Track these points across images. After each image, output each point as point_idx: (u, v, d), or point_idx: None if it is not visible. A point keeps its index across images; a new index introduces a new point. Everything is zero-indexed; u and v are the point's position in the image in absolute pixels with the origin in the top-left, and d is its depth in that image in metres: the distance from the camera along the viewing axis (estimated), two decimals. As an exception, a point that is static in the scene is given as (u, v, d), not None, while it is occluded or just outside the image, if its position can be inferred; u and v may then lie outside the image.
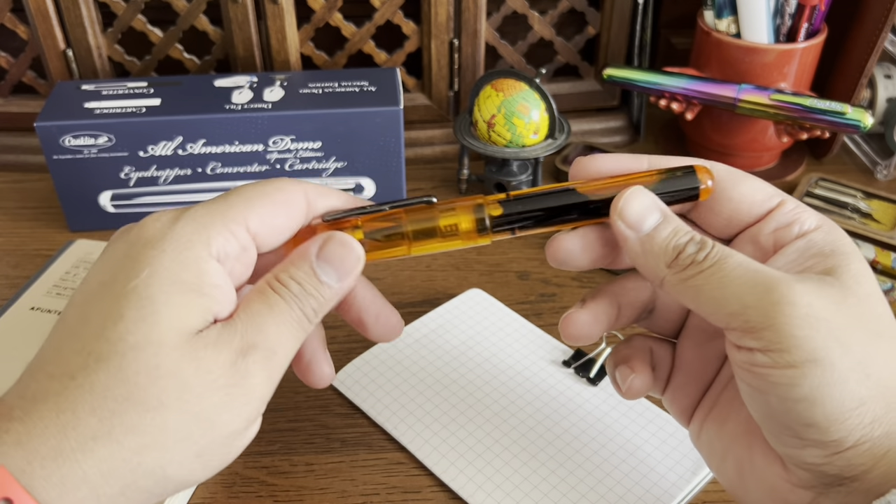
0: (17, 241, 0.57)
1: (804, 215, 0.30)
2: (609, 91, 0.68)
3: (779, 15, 0.58)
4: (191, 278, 0.27)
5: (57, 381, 0.25)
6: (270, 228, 0.30)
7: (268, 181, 0.31)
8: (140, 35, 0.63)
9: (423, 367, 0.45)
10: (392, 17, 0.62)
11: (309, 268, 0.30)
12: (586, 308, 0.33)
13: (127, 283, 0.26)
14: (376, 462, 0.41)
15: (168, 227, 0.28)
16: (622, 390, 0.34)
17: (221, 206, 0.29)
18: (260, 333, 0.28)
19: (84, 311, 0.27)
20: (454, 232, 0.31)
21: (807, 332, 0.26)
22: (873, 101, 0.65)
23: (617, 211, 0.30)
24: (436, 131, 0.66)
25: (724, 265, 0.28)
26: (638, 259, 0.30)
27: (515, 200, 0.31)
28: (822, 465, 0.27)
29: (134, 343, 0.26)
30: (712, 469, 0.33)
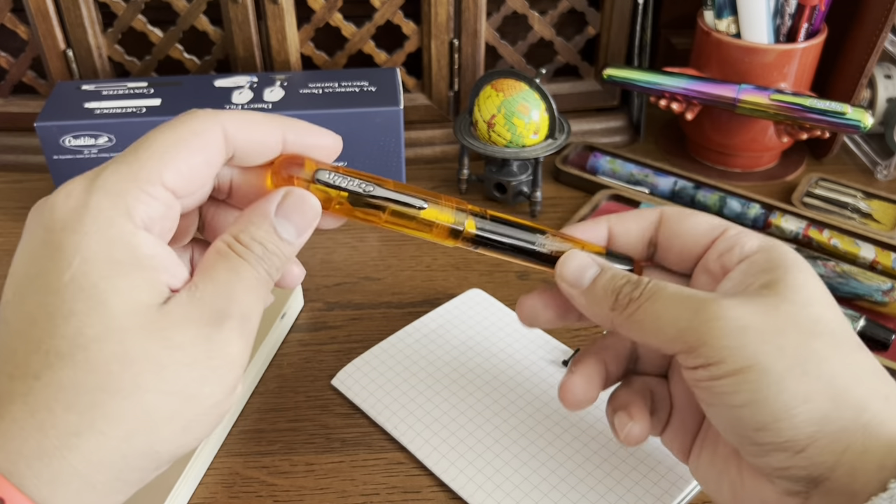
0: (17, 242, 0.57)
1: (744, 239, 0.33)
2: (609, 91, 0.68)
3: (779, 15, 0.58)
4: (124, 256, 0.26)
5: (20, 382, 0.25)
6: (188, 179, 0.28)
7: (180, 121, 0.28)
8: (140, 35, 0.63)
9: (423, 367, 0.45)
10: (392, 17, 0.62)
11: (269, 226, 0.29)
12: (577, 373, 0.35)
13: (61, 276, 0.25)
14: (376, 462, 0.41)
15: (82, 205, 0.26)
16: (620, 437, 0.35)
17: (132, 166, 0.27)
18: (231, 301, 0.27)
19: (24, 309, 0.26)
20: (428, 225, 0.32)
21: (737, 342, 0.28)
22: (873, 101, 0.65)
23: (558, 274, 0.33)
24: (436, 131, 0.66)
25: (659, 296, 0.30)
26: (587, 310, 0.33)
27: (491, 221, 0.33)
28: (790, 469, 0.28)
29: (94, 335, 0.25)
30: (711, 496, 0.34)
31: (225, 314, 0.27)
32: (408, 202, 0.31)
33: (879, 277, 0.50)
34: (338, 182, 0.30)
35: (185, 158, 0.28)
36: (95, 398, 0.25)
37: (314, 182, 0.30)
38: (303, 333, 0.49)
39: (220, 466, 0.41)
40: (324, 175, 0.30)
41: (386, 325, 0.49)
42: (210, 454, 0.41)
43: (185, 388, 0.26)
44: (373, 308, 0.51)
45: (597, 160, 0.63)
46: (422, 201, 0.32)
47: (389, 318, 0.50)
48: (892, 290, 0.49)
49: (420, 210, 0.32)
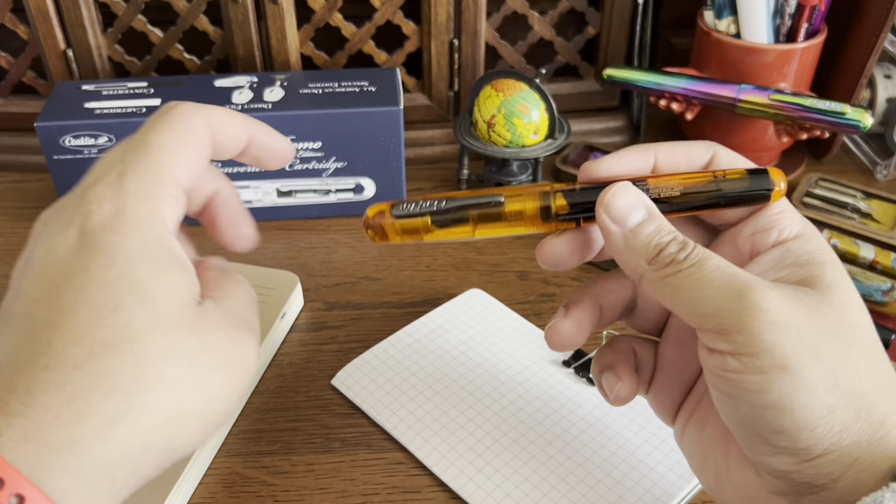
0: (17, 241, 0.57)
1: (785, 222, 0.30)
2: (609, 91, 0.68)
3: (778, 15, 0.58)
4: (165, 255, 0.27)
5: (57, 372, 0.25)
6: (192, 175, 0.29)
7: (172, 117, 0.29)
8: (140, 35, 0.63)
9: (423, 367, 0.45)
10: (392, 18, 0.62)
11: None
12: (569, 316, 0.33)
13: (106, 272, 0.26)
14: (376, 462, 0.41)
15: (119, 209, 0.27)
16: (609, 398, 0.34)
17: (150, 170, 0.28)
18: (246, 314, 0.29)
19: (59, 304, 0.26)
20: (519, 217, 0.31)
21: (776, 338, 0.26)
22: (873, 101, 0.65)
23: (603, 205, 0.30)
24: (436, 131, 0.66)
25: (703, 267, 0.28)
26: (620, 254, 0.30)
27: (582, 191, 0.31)
28: (791, 473, 0.27)
29: (142, 327, 0.26)
30: (693, 471, 0.34)
31: (244, 325, 0.29)
32: (481, 202, 0.31)
33: (879, 277, 0.50)
34: (412, 209, 0.31)
35: (188, 155, 0.29)
36: (134, 388, 0.25)
37: (393, 218, 0.31)
38: (303, 333, 0.49)
39: (220, 466, 0.41)
40: (398, 209, 0.31)
41: (386, 325, 0.49)
42: (210, 454, 0.41)
43: (212, 387, 0.27)
44: (373, 308, 0.51)
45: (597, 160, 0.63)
46: (498, 196, 0.31)
47: (389, 318, 0.50)
48: (891, 289, 0.49)
49: (499, 205, 0.31)
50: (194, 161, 0.29)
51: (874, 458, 0.27)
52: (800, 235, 0.30)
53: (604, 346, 0.35)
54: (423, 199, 0.32)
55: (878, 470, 0.26)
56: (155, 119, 0.29)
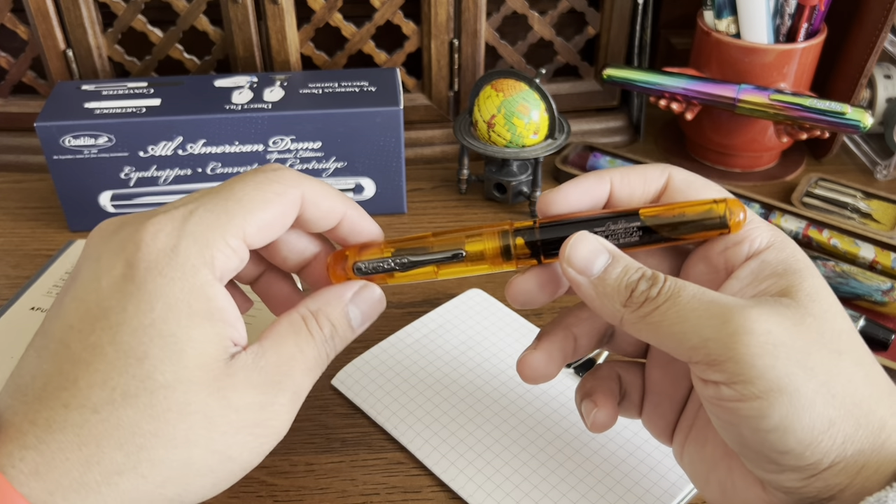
0: (17, 241, 0.57)
1: (755, 233, 0.30)
2: (609, 91, 0.68)
3: (778, 15, 0.58)
4: (202, 307, 0.27)
5: (76, 413, 0.25)
6: (265, 237, 0.30)
7: (267, 179, 0.29)
8: (140, 35, 0.63)
9: (423, 367, 0.45)
10: (392, 18, 0.62)
11: (343, 310, 0.31)
12: (539, 348, 0.33)
13: (141, 318, 0.26)
14: (376, 462, 0.41)
15: (172, 248, 0.27)
16: (587, 424, 0.34)
17: (220, 216, 0.28)
18: (290, 376, 0.29)
19: (92, 339, 0.26)
20: (480, 259, 0.32)
21: (768, 361, 0.26)
22: (873, 101, 0.65)
23: (564, 259, 0.30)
24: (436, 131, 0.66)
25: (679, 299, 0.28)
26: (593, 302, 0.30)
27: (541, 229, 0.31)
28: (800, 489, 0.27)
29: (164, 382, 0.26)
30: (697, 487, 0.33)
31: (282, 387, 0.28)
32: (445, 258, 0.32)
33: (879, 277, 0.50)
34: (374, 268, 0.32)
35: (268, 217, 0.29)
36: (146, 442, 0.25)
37: (355, 274, 0.32)
38: (303, 333, 0.49)
39: (220, 466, 0.41)
40: (360, 268, 0.32)
41: (386, 325, 0.49)
42: (210, 454, 0.41)
43: (228, 448, 0.27)
44: (373, 308, 0.51)
45: (597, 160, 0.63)
46: (458, 250, 0.32)
47: (389, 318, 0.50)
48: (891, 289, 0.49)
49: (460, 259, 0.32)
50: (271, 224, 0.29)
51: (879, 464, 0.27)
52: (771, 244, 0.30)
53: (587, 373, 0.36)
54: (385, 254, 0.32)
55: (883, 474, 0.26)
56: (250, 173, 0.30)
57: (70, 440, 0.25)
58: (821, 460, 0.26)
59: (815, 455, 0.26)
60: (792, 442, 0.26)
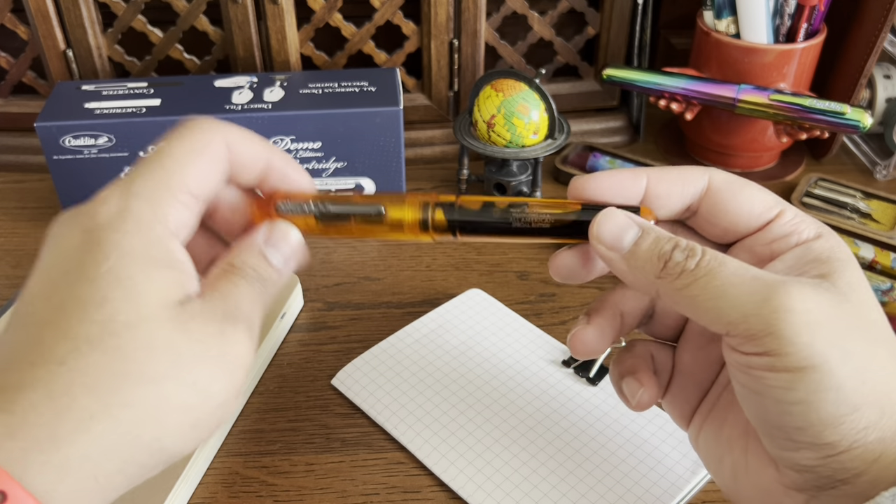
0: (17, 241, 0.57)
1: (802, 225, 0.30)
2: (609, 91, 0.68)
3: (778, 15, 0.58)
4: (160, 255, 0.28)
5: (42, 368, 0.25)
6: (206, 187, 0.30)
7: (189, 131, 0.30)
8: (140, 35, 0.63)
9: (423, 367, 0.45)
10: (392, 18, 0.62)
11: (259, 254, 0.31)
12: (592, 324, 0.33)
13: (98, 267, 0.27)
14: (376, 462, 0.41)
15: (123, 209, 0.28)
16: (632, 404, 0.34)
17: (161, 175, 0.29)
18: (238, 308, 0.29)
19: (55, 300, 0.27)
20: (398, 226, 0.32)
21: (807, 339, 0.26)
22: (872, 101, 0.65)
23: (594, 236, 0.30)
24: (436, 131, 0.66)
25: (719, 273, 0.28)
26: (627, 277, 0.30)
27: (459, 209, 0.32)
28: (815, 468, 0.27)
29: (126, 322, 0.26)
30: (709, 471, 0.34)
31: (234, 316, 0.29)
32: (364, 211, 0.32)
33: (879, 277, 0.50)
34: (294, 209, 0.33)
35: (202, 166, 0.30)
36: (116, 383, 0.25)
37: (277, 213, 0.33)
38: (303, 333, 0.49)
39: (220, 466, 0.41)
40: (282, 206, 0.33)
41: (386, 325, 0.49)
42: (210, 454, 0.41)
43: (199, 380, 0.27)
44: (373, 308, 0.51)
45: (596, 160, 0.63)
46: (379, 206, 0.32)
47: (389, 318, 0.50)
48: (891, 289, 0.49)
49: (379, 216, 0.32)
50: (208, 173, 0.30)
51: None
52: (819, 235, 0.30)
53: (622, 350, 0.35)
54: (308, 199, 0.33)
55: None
56: (172, 132, 0.30)
57: (40, 395, 0.25)
58: (839, 441, 0.26)
59: (834, 436, 0.26)
60: (814, 419, 0.26)
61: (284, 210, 0.33)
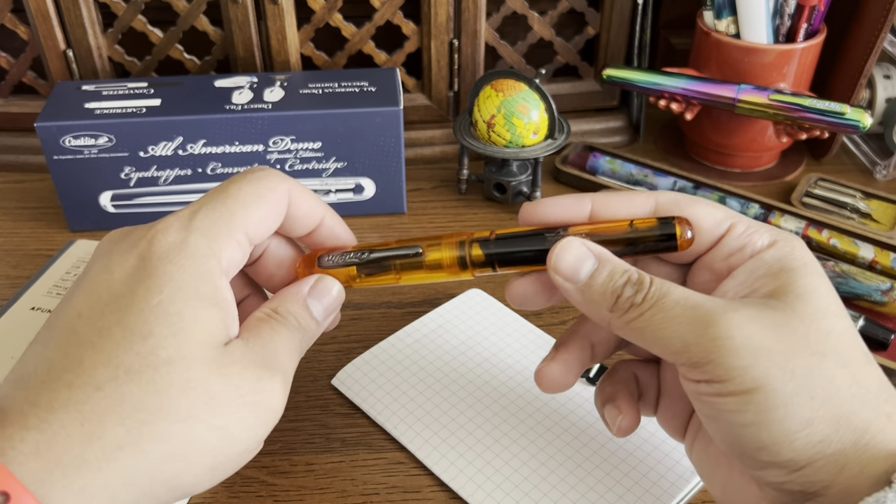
0: (17, 241, 0.57)
1: (755, 236, 0.30)
2: (609, 91, 0.68)
3: (778, 15, 0.58)
4: (209, 293, 0.28)
5: (79, 391, 0.26)
6: (262, 231, 0.32)
7: (256, 177, 0.32)
8: (140, 35, 0.63)
9: (423, 367, 0.46)
10: (392, 18, 0.62)
11: (303, 304, 0.33)
12: (556, 359, 0.34)
13: (149, 299, 0.27)
14: (376, 462, 0.41)
15: (181, 241, 0.29)
16: (612, 430, 0.35)
17: (223, 213, 0.30)
18: (275, 356, 0.30)
19: (101, 323, 0.27)
20: (438, 266, 0.34)
21: (746, 363, 0.27)
22: (872, 101, 0.65)
23: (551, 267, 0.31)
24: (436, 131, 0.66)
25: (664, 304, 0.28)
26: (582, 307, 0.31)
27: (497, 241, 0.33)
28: (784, 484, 0.28)
29: (167, 358, 0.26)
30: (704, 483, 0.34)
31: (272, 365, 0.29)
32: (402, 253, 0.34)
33: (878, 277, 0.50)
34: (336, 261, 0.34)
35: (263, 212, 0.31)
36: (149, 417, 0.26)
37: (320, 268, 0.34)
38: (303, 333, 0.49)
39: (220, 466, 0.41)
40: (324, 260, 0.34)
41: (386, 325, 0.49)
42: (210, 454, 0.41)
43: (229, 425, 0.27)
44: (373, 308, 0.51)
45: (596, 160, 0.63)
46: (416, 248, 0.33)
47: (389, 318, 0.50)
48: (891, 289, 0.49)
49: (418, 255, 0.33)
50: (266, 218, 0.32)
51: (863, 464, 0.27)
52: (772, 244, 0.30)
53: (604, 377, 0.36)
54: (348, 251, 0.34)
55: (870, 474, 0.26)
56: (240, 175, 0.32)
57: (72, 417, 0.25)
58: (796, 458, 0.27)
59: (790, 452, 0.27)
60: (766, 438, 0.27)
61: (327, 264, 0.34)
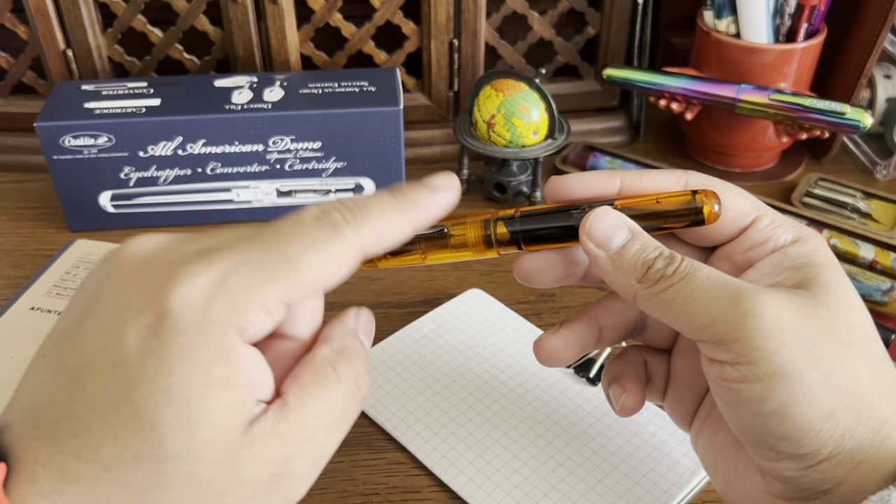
0: (17, 241, 0.57)
1: (779, 231, 0.30)
2: (609, 91, 0.68)
3: (778, 15, 0.58)
4: (223, 373, 0.25)
5: (87, 466, 0.25)
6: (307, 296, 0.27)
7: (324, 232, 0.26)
8: (140, 35, 0.63)
9: (422, 367, 0.45)
10: (392, 18, 0.62)
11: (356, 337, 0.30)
12: (558, 333, 0.33)
13: (159, 380, 0.25)
14: (376, 462, 0.41)
15: (202, 309, 0.25)
16: (615, 409, 0.35)
17: (265, 278, 0.25)
18: (312, 440, 0.27)
19: (109, 390, 0.25)
20: (463, 244, 0.32)
21: (774, 345, 0.26)
22: (873, 101, 0.65)
23: (585, 231, 0.30)
24: (436, 131, 0.66)
25: (693, 279, 0.28)
26: (609, 276, 0.30)
27: (522, 219, 0.32)
28: (797, 478, 0.28)
29: (173, 452, 0.25)
30: (708, 474, 0.34)
31: (301, 455, 0.26)
32: (426, 233, 0.32)
33: (879, 277, 0.50)
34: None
35: (318, 281, 0.26)
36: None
37: None
38: (303, 333, 0.49)
39: (220, 466, 0.41)
40: None
41: (386, 325, 0.49)
42: (210, 454, 0.41)
43: None
44: (373, 308, 0.51)
45: (596, 160, 0.63)
46: (440, 227, 0.32)
47: (389, 318, 0.50)
48: (891, 289, 0.49)
49: (442, 235, 0.32)
50: (317, 288, 0.27)
51: (877, 461, 0.27)
52: (797, 240, 0.30)
53: (614, 357, 0.36)
54: None
55: (881, 472, 0.26)
56: (310, 228, 0.26)
57: (83, 494, 0.25)
58: (818, 450, 0.27)
59: (813, 444, 0.26)
60: (790, 428, 0.26)
61: None
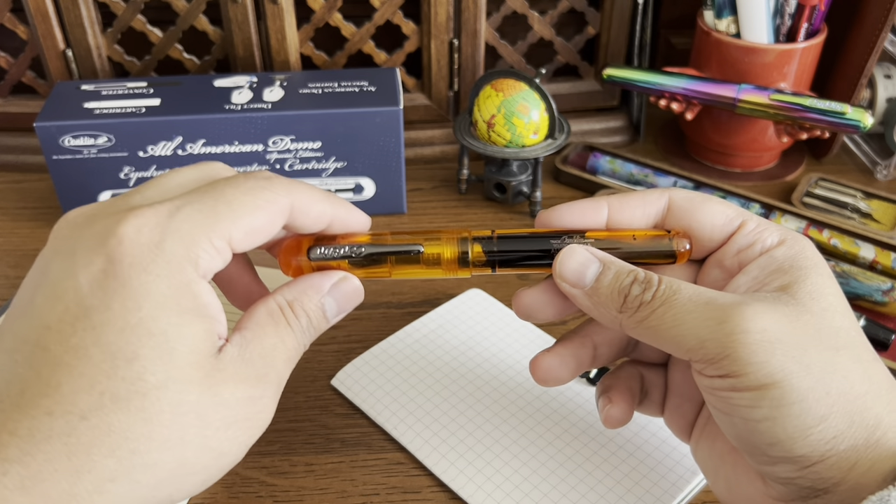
0: (17, 241, 0.57)
1: (765, 234, 0.31)
2: (609, 91, 0.68)
3: (778, 15, 0.58)
4: (190, 303, 0.26)
5: (61, 420, 0.24)
6: (249, 242, 0.29)
7: (258, 186, 0.29)
8: (140, 35, 0.63)
9: (423, 367, 0.45)
10: (392, 17, 0.62)
11: (319, 302, 0.31)
12: (553, 352, 0.34)
13: (128, 316, 0.25)
14: (376, 462, 0.41)
15: (156, 244, 0.26)
16: (601, 419, 0.35)
17: (208, 216, 0.27)
18: (273, 367, 0.29)
19: (74, 341, 0.25)
20: (436, 262, 0.32)
21: (763, 357, 0.27)
22: (873, 101, 0.65)
23: (557, 273, 0.31)
24: (436, 131, 0.66)
25: (675, 301, 0.28)
26: (591, 312, 0.31)
27: (500, 241, 0.32)
28: (795, 479, 0.28)
29: (156, 383, 0.25)
30: (708, 481, 0.34)
31: (268, 379, 0.28)
32: (403, 250, 0.32)
33: (879, 277, 0.50)
34: (327, 254, 0.32)
35: (256, 223, 0.28)
36: (140, 446, 0.25)
37: (309, 259, 0.32)
38: (303, 333, 0.49)
39: (219, 466, 0.41)
40: (314, 252, 0.32)
41: (386, 325, 0.49)
42: (210, 454, 0.41)
43: (220, 444, 0.27)
44: (373, 308, 0.51)
45: (597, 160, 0.63)
46: (417, 246, 0.32)
47: (389, 318, 0.50)
48: (891, 289, 0.49)
49: (419, 253, 0.32)
50: (257, 231, 0.29)
51: (873, 461, 0.27)
52: (782, 241, 0.30)
53: (608, 373, 0.36)
54: (342, 243, 0.32)
55: (879, 471, 0.27)
56: (241, 177, 0.29)
57: (58, 450, 0.24)
58: (810, 454, 0.27)
59: (804, 448, 0.27)
60: (781, 433, 0.27)
61: (316, 256, 0.31)
